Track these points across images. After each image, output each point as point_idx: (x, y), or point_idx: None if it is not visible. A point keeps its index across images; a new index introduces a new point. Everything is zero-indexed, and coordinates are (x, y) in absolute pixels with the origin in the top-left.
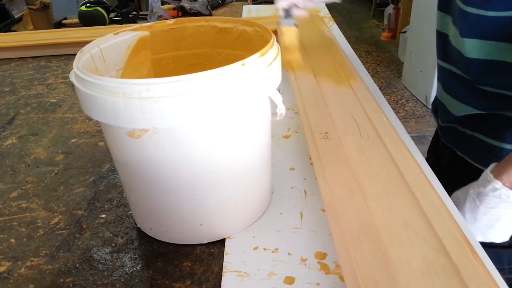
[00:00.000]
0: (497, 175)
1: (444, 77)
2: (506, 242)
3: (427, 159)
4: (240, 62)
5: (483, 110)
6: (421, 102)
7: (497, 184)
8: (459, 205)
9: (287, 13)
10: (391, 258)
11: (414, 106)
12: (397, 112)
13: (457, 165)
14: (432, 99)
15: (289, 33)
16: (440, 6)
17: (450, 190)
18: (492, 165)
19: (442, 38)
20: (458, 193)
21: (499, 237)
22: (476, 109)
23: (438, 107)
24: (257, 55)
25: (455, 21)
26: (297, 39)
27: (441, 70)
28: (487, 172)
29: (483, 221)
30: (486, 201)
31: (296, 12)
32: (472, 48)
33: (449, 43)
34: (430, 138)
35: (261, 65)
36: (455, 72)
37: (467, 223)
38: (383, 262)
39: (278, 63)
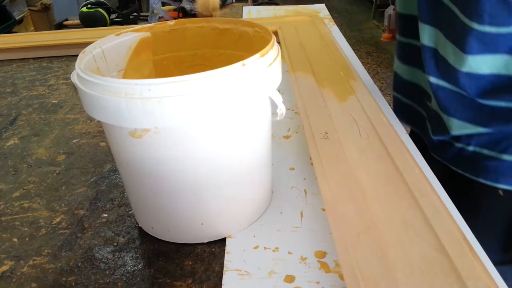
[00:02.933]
0: None
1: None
2: (508, 257)
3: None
4: (240, 63)
5: (485, 126)
6: None
7: None
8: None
9: None
10: (391, 257)
11: None
12: None
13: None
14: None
15: None
16: (424, 18)
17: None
18: None
19: (429, 52)
20: None
21: None
22: (477, 125)
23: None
24: (257, 55)
25: (456, 39)
26: None
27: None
28: None
29: None
30: None
31: None
32: (485, 63)
33: (440, 58)
34: None
35: (261, 65)
36: (448, 88)
37: None
38: (383, 261)
39: (278, 64)
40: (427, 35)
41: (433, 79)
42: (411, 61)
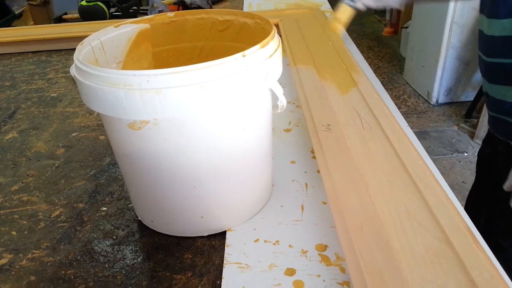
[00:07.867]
0: None
1: (489, 70)
2: None
3: (482, 151)
4: (241, 53)
5: None
6: (423, 98)
7: None
8: None
9: None
10: (394, 248)
11: (416, 102)
12: (399, 108)
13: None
14: (434, 94)
15: (343, 9)
16: (480, 9)
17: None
18: None
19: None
20: None
21: None
22: None
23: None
24: (258, 46)
25: (488, 12)
26: (347, 18)
27: (484, 65)
28: None
29: None
30: None
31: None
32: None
33: (483, 36)
34: (432, 134)
35: (262, 56)
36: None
37: None
38: (387, 252)
39: (279, 55)
40: (479, 22)
41: (486, 58)
42: (500, 81)
